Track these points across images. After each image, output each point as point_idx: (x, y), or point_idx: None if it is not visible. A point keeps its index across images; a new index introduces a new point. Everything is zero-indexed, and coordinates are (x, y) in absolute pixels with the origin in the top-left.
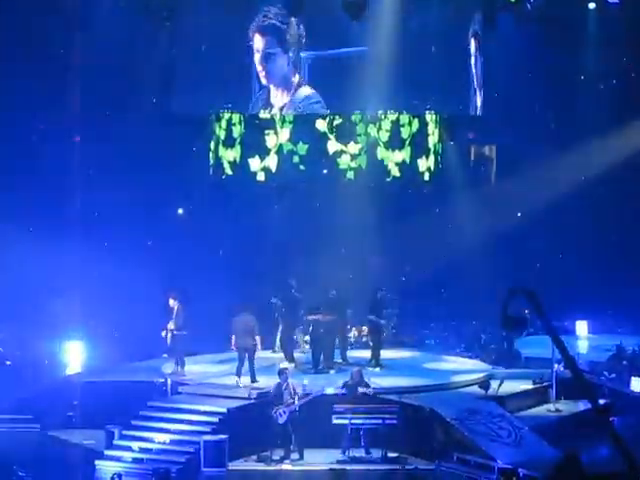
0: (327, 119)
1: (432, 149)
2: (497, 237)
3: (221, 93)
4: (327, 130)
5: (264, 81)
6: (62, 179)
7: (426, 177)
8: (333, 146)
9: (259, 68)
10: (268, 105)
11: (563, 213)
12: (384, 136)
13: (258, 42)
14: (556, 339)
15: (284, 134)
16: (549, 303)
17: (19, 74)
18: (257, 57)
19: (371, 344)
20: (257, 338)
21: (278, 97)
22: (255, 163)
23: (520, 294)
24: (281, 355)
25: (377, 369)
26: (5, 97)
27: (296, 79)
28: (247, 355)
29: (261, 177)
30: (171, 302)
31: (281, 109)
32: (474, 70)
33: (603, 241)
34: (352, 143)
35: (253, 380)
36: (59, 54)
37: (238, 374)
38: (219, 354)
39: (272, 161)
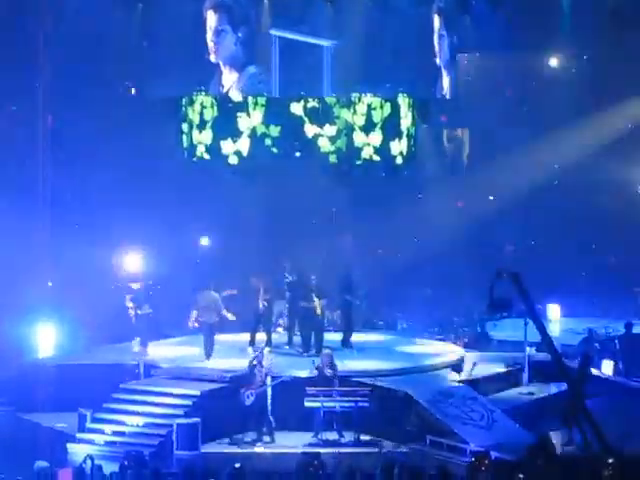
0: (301, 102)
1: (405, 132)
2: (469, 220)
3: (193, 76)
4: (302, 113)
5: (213, 58)
6: (33, 160)
7: (399, 160)
8: (310, 129)
9: (210, 45)
10: (220, 85)
11: (535, 197)
12: (359, 120)
13: (210, 19)
14: (537, 321)
15: (256, 116)
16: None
17: None
18: (209, 34)
19: (344, 326)
20: (224, 314)
21: (227, 76)
22: (227, 146)
23: (505, 276)
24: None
25: (354, 351)
26: None
27: (243, 58)
28: (209, 331)
29: (233, 160)
30: (133, 285)
31: (229, 89)
32: (437, 48)
33: (575, 225)
34: (328, 125)
35: (208, 357)
36: (31, 37)
37: (206, 353)
38: (192, 336)
39: (244, 144)
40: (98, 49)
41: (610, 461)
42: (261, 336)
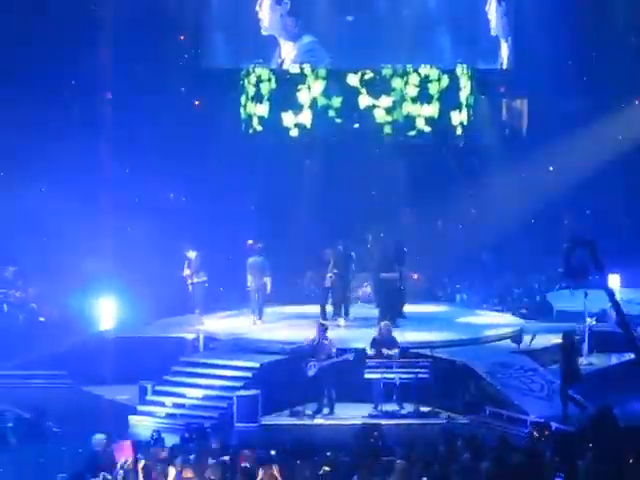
0: (358, 73)
1: (464, 103)
2: (528, 190)
3: (252, 48)
4: (358, 84)
5: (264, 30)
6: (93, 134)
7: (459, 131)
8: (365, 100)
9: (260, 16)
10: (279, 58)
11: (595, 168)
12: (412, 91)
13: None
14: (609, 291)
15: (317, 88)
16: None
17: (51, 28)
18: (258, 6)
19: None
20: (266, 279)
21: (284, 48)
22: (288, 118)
23: (581, 245)
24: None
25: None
26: (37, 50)
27: (296, 29)
28: (258, 295)
29: (294, 132)
30: (189, 253)
31: (284, 61)
32: (493, 17)
33: (635, 193)
34: (384, 97)
35: (260, 318)
36: (90, 8)
37: (254, 313)
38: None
39: (306, 116)
40: (158, 21)
41: None
42: (330, 308)
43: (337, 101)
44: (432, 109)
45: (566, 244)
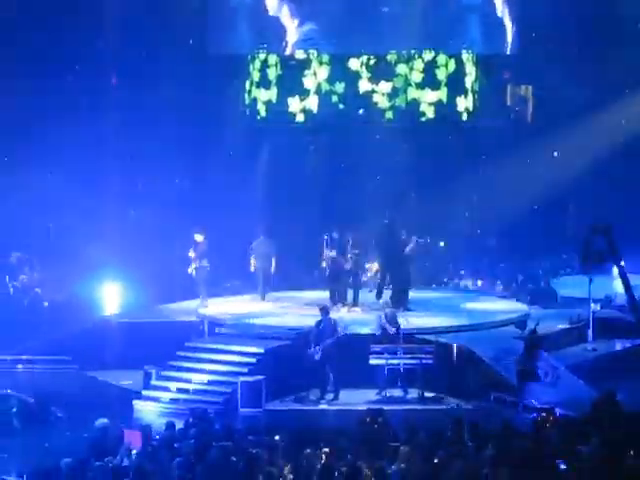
0: (360, 58)
1: (470, 88)
2: (533, 176)
3: (257, 33)
4: (359, 69)
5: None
6: (97, 119)
7: (464, 117)
8: (364, 85)
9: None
10: (284, 42)
11: (599, 154)
12: (417, 77)
13: None
14: (624, 275)
15: (321, 74)
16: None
17: (54, 12)
18: None
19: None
20: (272, 260)
21: (289, 33)
22: (295, 104)
23: (599, 232)
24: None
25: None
26: (40, 35)
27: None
28: (263, 275)
29: (300, 118)
30: (197, 237)
31: (288, 46)
32: (499, 2)
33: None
34: (383, 82)
35: (263, 298)
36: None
37: (261, 294)
38: (256, 293)
39: (312, 101)
40: (161, 5)
41: None
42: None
43: (340, 87)
44: (439, 94)
45: (585, 233)
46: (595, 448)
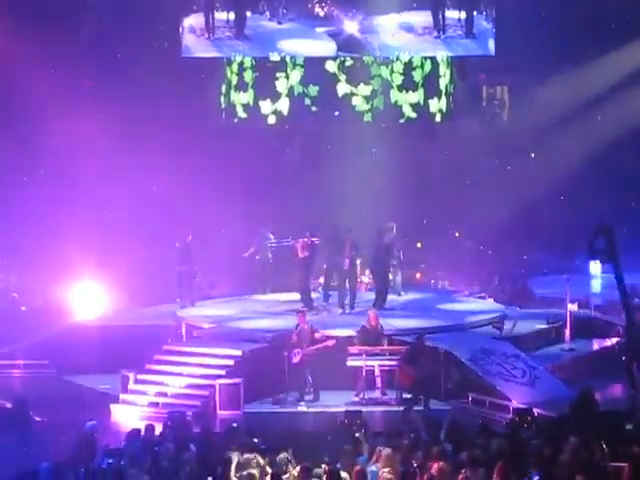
0: (337, 61)
1: (444, 90)
2: (509, 177)
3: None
4: (337, 71)
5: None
6: (74, 123)
7: (438, 118)
8: (343, 88)
9: None
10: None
11: (575, 156)
12: (397, 79)
13: None
14: (619, 275)
15: (295, 76)
16: (563, 245)
17: (31, 13)
18: None
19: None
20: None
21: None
22: (266, 106)
23: (601, 231)
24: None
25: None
26: (17, 37)
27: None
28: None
29: (272, 120)
30: (184, 240)
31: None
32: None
33: (609, 188)
34: (362, 85)
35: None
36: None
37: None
38: (232, 297)
39: (284, 104)
40: (137, 10)
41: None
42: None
43: (314, 90)
44: (416, 96)
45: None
46: (573, 447)
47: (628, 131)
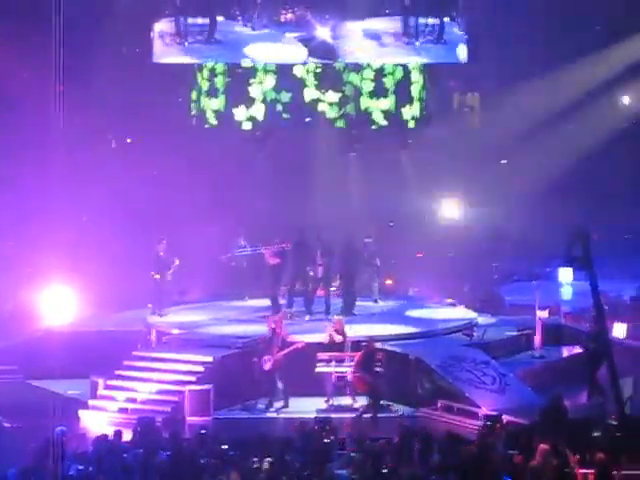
0: (306, 66)
1: (416, 97)
2: (480, 184)
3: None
4: (305, 76)
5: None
6: (44, 128)
7: (411, 125)
8: (310, 94)
9: None
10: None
11: (547, 163)
12: (368, 85)
13: None
14: (593, 283)
15: (268, 82)
16: (533, 253)
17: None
18: None
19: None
20: None
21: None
22: (240, 112)
23: (581, 237)
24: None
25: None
26: None
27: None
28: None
29: (247, 126)
30: (160, 247)
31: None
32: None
33: (580, 194)
34: (331, 92)
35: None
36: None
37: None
38: (203, 303)
39: (258, 110)
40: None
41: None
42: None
43: (286, 96)
44: (388, 102)
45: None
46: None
47: (599, 138)
